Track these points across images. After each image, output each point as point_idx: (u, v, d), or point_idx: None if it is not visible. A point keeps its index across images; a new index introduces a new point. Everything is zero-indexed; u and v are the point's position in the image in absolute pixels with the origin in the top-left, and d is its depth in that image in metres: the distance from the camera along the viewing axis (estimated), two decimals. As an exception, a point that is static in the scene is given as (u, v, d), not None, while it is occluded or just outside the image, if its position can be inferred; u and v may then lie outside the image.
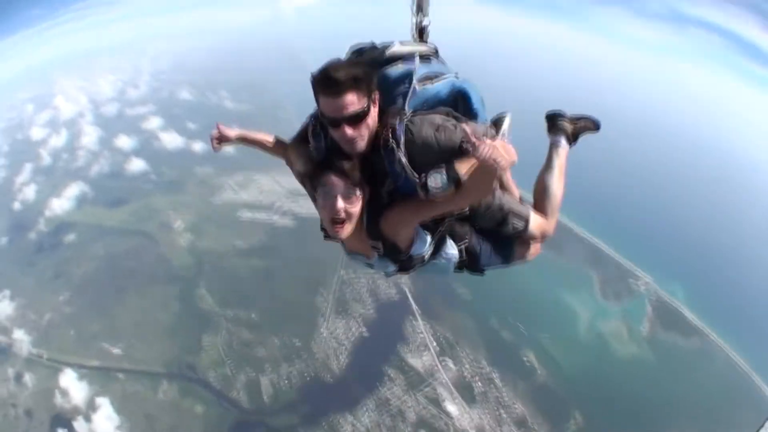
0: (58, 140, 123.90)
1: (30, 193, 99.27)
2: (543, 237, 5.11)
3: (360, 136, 3.70)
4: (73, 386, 58.35)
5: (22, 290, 71.74)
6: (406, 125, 3.78)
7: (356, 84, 3.55)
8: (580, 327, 61.97)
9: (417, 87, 4.01)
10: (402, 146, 3.75)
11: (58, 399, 57.35)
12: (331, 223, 3.78)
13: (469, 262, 4.75)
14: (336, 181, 3.67)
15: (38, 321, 66.52)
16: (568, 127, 5.55)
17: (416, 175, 3.74)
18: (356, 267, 64.56)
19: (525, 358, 56.77)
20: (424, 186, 3.64)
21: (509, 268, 5.21)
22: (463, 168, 3.62)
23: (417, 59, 4.13)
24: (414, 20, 4.73)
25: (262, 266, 68.31)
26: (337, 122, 3.62)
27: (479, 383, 54.58)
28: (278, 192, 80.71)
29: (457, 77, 4.24)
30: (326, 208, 3.76)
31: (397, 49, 4.17)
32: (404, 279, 63.55)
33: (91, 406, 56.03)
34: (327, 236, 4.42)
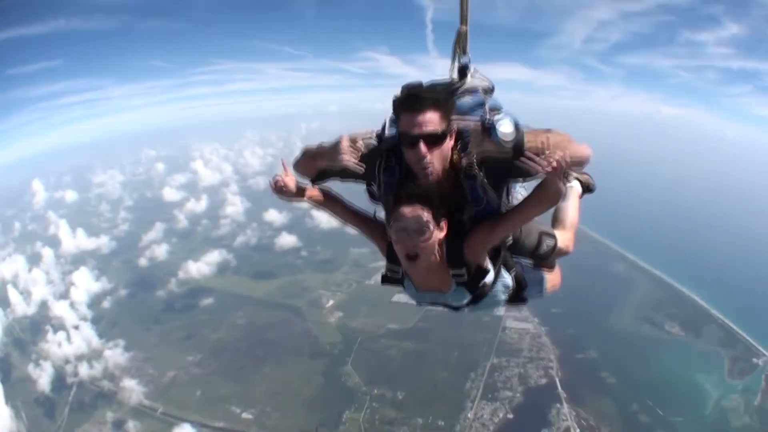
0: (198, 205, 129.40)
1: (161, 252, 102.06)
2: (565, 252, 5.13)
3: (437, 159, 3.59)
4: None
5: (141, 344, 72.46)
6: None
7: (437, 105, 3.52)
8: (708, 406, 61.02)
9: (489, 117, 3.78)
10: (483, 172, 3.68)
11: None
12: (406, 258, 3.70)
13: (516, 292, 4.66)
14: (411, 213, 3.52)
15: (158, 377, 66.66)
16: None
17: (498, 198, 3.84)
18: (506, 354, 65.94)
19: None
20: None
21: (543, 298, 5.30)
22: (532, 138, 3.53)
23: (480, 92, 4.19)
24: (456, 61, 4.46)
25: (413, 348, 67.72)
26: (414, 140, 3.52)
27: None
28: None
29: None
30: (401, 242, 3.63)
31: (470, 81, 4.23)
32: (554, 365, 64.61)
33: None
34: (386, 281, 4.39)
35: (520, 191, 4.48)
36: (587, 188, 5.81)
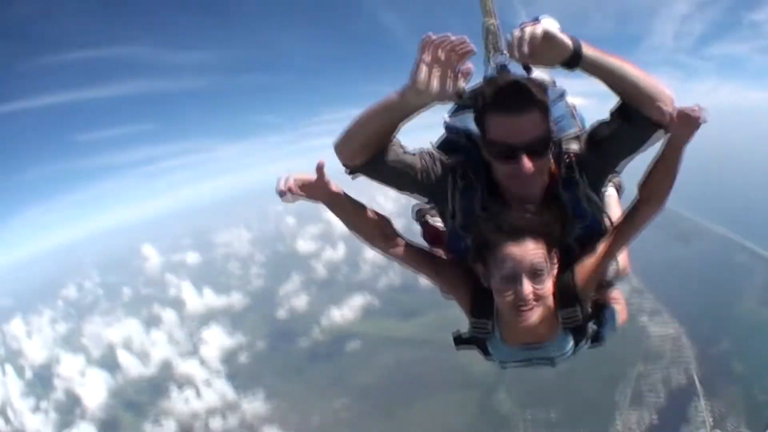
0: (335, 254, 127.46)
1: (300, 303, 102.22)
2: (625, 274, 4.06)
3: (540, 173, 2.98)
4: None
5: (284, 395, 73.23)
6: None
7: (542, 105, 2.88)
8: None
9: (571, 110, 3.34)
10: (584, 176, 3.13)
11: None
12: (513, 309, 2.85)
13: (596, 332, 3.67)
14: (521, 253, 2.74)
15: (303, 425, 67.58)
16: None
17: (602, 206, 3.30)
18: (650, 360, 66.93)
19: None
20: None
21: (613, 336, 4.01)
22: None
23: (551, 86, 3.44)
24: (490, 62, 3.94)
25: (563, 368, 65.33)
26: (514, 151, 2.85)
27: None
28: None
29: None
30: (511, 293, 2.81)
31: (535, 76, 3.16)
32: (693, 363, 65.19)
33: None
34: (463, 342, 3.64)
35: (610, 192, 3.93)
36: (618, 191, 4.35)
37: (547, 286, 2.86)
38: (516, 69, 3.17)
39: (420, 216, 4.11)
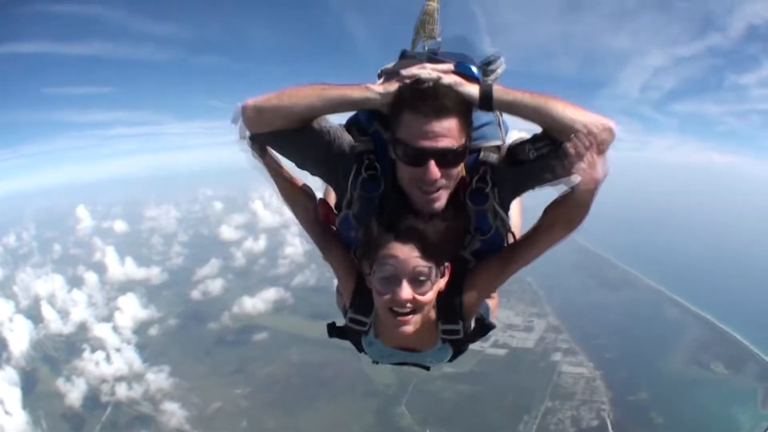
0: (256, 245, 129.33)
1: (215, 287, 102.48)
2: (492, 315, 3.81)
3: (446, 186, 2.77)
4: None
5: (188, 374, 72.79)
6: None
7: (463, 111, 2.70)
8: None
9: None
10: (496, 191, 2.97)
11: None
12: (390, 313, 2.73)
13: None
14: (407, 256, 2.60)
15: (203, 406, 66.87)
16: None
17: (508, 226, 3.11)
18: (560, 397, 66.19)
19: None
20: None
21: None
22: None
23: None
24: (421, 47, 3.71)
25: (467, 391, 67.17)
26: (424, 156, 2.65)
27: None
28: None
29: None
30: (387, 293, 2.66)
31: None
32: (606, 407, 64.68)
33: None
34: (337, 333, 3.54)
35: (513, 209, 3.53)
36: None
37: (429, 296, 2.73)
38: (445, 57, 3.18)
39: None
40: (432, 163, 2.64)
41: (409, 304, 2.67)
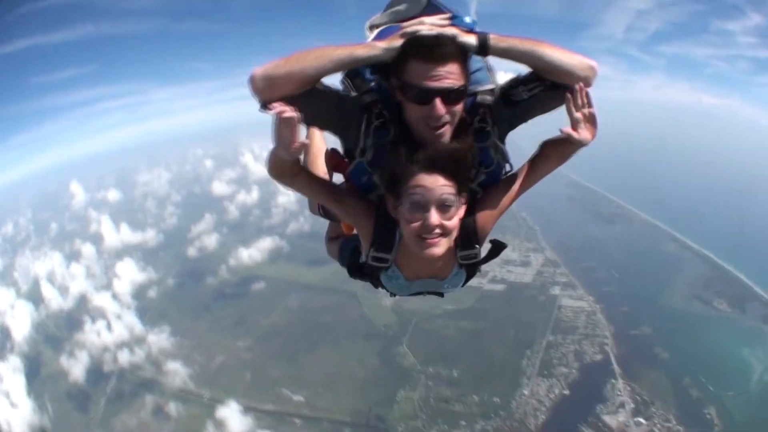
0: (248, 197, 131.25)
1: (211, 242, 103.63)
2: None
3: (450, 121, 3.02)
4: (233, 418, 58.36)
5: (189, 332, 72.68)
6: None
7: (463, 57, 2.97)
8: (753, 380, 61.51)
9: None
10: (495, 128, 3.27)
11: (210, 430, 57.79)
12: (419, 239, 2.97)
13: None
14: (433, 183, 2.85)
15: (206, 362, 67.00)
16: None
17: (507, 158, 3.41)
18: (561, 331, 66.77)
19: (707, 414, 56.00)
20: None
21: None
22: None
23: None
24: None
25: (469, 328, 67.56)
26: (430, 95, 2.90)
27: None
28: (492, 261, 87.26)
29: None
30: (415, 221, 2.92)
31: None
32: (609, 341, 64.95)
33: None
34: (358, 272, 3.89)
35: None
36: None
37: (454, 221, 2.98)
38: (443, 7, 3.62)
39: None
40: (438, 101, 2.90)
41: (437, 229, 2.90)
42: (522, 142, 4.13)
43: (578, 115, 3.02)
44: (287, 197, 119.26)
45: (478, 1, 3.88)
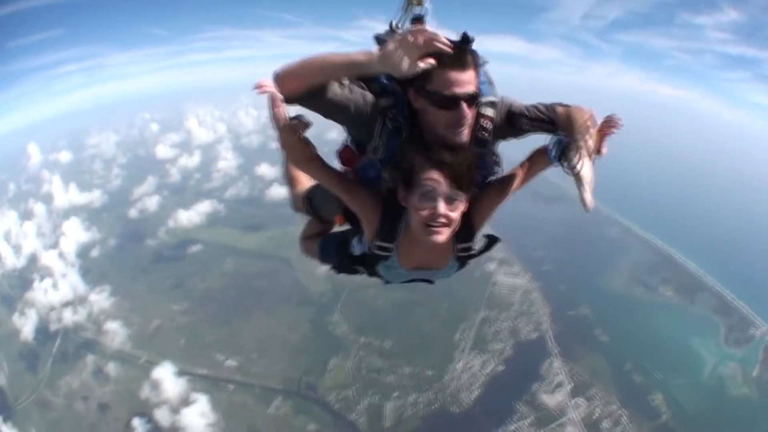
0: (190, 161, 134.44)
1: (152, 204, 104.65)
2: None
3: (469, 123, 3.32)
4: (168, 380, 58.18)
5: (128, 293, 72.53)
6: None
7: (478, 64, 3.26)
8: (704, 371, 61.89)
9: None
10: (494, 138, 3.58)
11: (145, 392, 57.23)
12: (426, 227, 3.24)
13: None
14: (440, 178, 3.14)
15: (143, 324, 66.73)
16: None
17: (501, 164, 3.75)
18: (496, 307, 66.85)
19: (653, 400, 56.33)
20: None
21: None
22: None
23: None
24: (408, 12, 4.01)
25: (402, 299, 66.85)
26: (456, 100, 3.18)
27: (608, 423, 53.59)
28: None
29: None
30: (424, 210, 3.20)
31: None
32: (546, 320, 65.06)
33: (185, 402, 55.63)
34: (342, 270, 4.42)
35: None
36: None
37: (457, 214, 3.25)
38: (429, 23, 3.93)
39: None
40: (464, 105, 3.19)
41: (442, 219, 3.17)
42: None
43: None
44: (227, 162, 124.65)
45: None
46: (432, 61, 3.02)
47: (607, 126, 3.22)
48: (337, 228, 4.80)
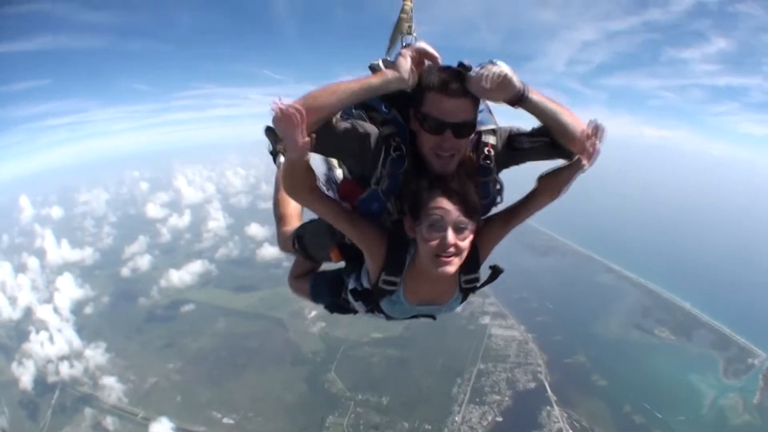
0: (180, 221, 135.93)
1: (143, 263, 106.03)
2: None
3: (458, 152, 3.25)
4: None
5: (123, 351, 73.01)
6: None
7: (474, 97, 3.16)
8: (704, 405, 61.96)
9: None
10: (496, 165, 3.51)
11: None
12: (434, 257, 3.13)
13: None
14: (449, 207, 3.06)
15: (139, 382, 66.79)
16: None
17: (502, 192, 3.65)
18: (492, 360, 66.75)
19: None
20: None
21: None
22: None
23: None
24: (399, 45, 3.98)
25: (397, 355, 67.53)
26: (443, 127, 3.13)
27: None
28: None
29: None
30: (433, 240, 3.10)
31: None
32: (543, 369, 65.05)
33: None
34: (335, 309, 4.40)
35: None
36: None
37: (466, 243, 3.15)
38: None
39: (331, 181, 4.34)
40: (450, 132, 3.11)
41: (452, 249, 3.06)
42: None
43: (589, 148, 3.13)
44: (217, 222, 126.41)
45: (420, 35, 4.01)
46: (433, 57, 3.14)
47: (595, 131, 3.14)
48: (332, 265, 4.64)
